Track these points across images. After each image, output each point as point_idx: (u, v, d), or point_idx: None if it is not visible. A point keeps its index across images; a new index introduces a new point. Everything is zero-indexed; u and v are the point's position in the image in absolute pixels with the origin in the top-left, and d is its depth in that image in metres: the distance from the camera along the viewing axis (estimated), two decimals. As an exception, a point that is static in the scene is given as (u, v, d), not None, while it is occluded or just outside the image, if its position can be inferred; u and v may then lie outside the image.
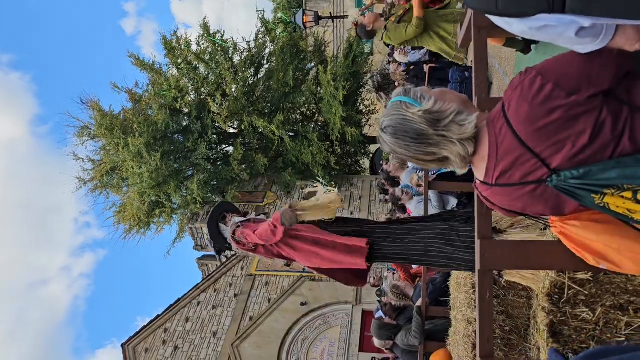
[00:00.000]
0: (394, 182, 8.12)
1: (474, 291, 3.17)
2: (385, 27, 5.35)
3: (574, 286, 2.06)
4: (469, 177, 1.69)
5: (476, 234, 1.85)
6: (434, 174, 5.97)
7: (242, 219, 4.08)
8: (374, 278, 10.83)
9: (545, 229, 2.29)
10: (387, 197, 8.54)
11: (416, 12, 5.00)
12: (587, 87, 1.23)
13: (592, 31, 1.04)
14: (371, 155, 19.54)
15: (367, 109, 18.63)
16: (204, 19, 16.42)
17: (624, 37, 1.07)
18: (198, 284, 15.55)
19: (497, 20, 1.12)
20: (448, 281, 4.85)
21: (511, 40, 5.85)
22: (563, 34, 1.06)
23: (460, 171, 1.52)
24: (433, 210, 6.08)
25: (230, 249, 4.19)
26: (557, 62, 1.30)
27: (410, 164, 7.79)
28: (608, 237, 1.43)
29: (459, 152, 1.44)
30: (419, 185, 6.43)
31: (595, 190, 1.29)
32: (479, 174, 1.50)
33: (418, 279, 6.46)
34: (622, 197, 1.27)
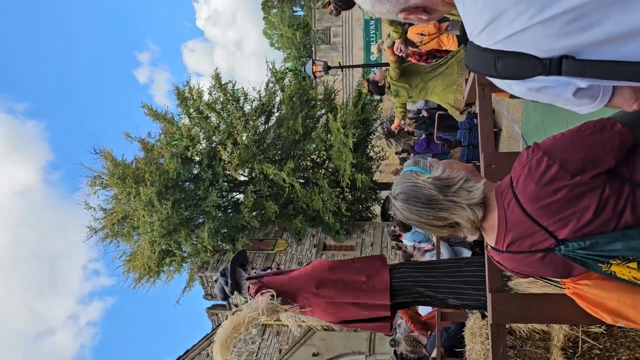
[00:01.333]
0: (406, 226, 8.07)
1: (489, 342, 3.08)
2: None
3: (588, 340, 2.00)
4: None
5: (487, 288, 1.82)
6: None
7: (261, 273, 3.97)
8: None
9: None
10: (399, 245, 8.48)
11: (389, 56, 5.54)
12: (591, 169, 1.30)
13: (590, 92, 1.06)
14: (382, 201, 19.51)
15: (377, 155, 18.74)
16: (216, 69, 16.85)
17: (621, 98, 1.09)
18: (208, 334, 15.34)
19: (497, 82, 1.14)
20: (462, 331, 4.74)
21: None
22: (561, 95, 1.08)
23: (472, 237, 1.58)
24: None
25: (240, 293, 4.07)
26: (564, 144, 1.37)
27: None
28: (620, 293, 1.45)
29: (468, 216, 1.50)
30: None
31: (602, 260, 1.33)
32: (490, 241, 1.56)
33: (430, 332, 6.32)
34: (628, 267, 1.32)
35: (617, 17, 0.90)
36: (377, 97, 6.73)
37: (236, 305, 3.91)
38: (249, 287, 3.79)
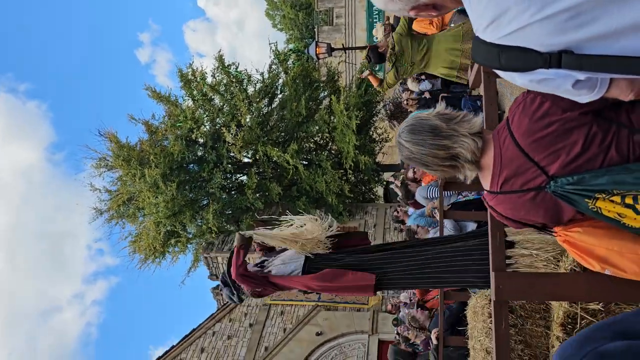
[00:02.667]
0: (409, 194, 8.07)
1: (491, 320, 3.19)
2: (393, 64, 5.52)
3: (586, 316, 2.10)
4: (484, 206, 1.81)
5: (491, 266, 1.91)
6: (448, 205, 6.00)
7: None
8: (391, 305, 10.74)
9: (554, 258, 2.34)
10: (402, 227, 8.54)
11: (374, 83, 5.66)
12: (580, 106, 1.40)
13: (588, 84, 1.13)
14: (385, 183, 19.58)
15: (380, 137, 18.76)
16: (219, 51, 16.81)
17: (618, 89, 1.16)
18: (213, 313, 15.53)
19: (501, 73, 1.22)
20: (464, 309, 4.84)
21: None
22: (561, 86, 1.15)
23: (471, 176, 1.67)
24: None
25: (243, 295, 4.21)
26: None
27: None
28: (609, 240, 1.53)
29: (469, 145, 1.62)
30: (432, 216, 6.45)
31: (588, 195, 1.43)
32: (486, 184, 1.66)
33: (434, 310, 6.43)
34: (612, 201, 1.41)
35: (611, 15, 0.97)
36: (374, 65, 6.49)
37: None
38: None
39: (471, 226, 6.33)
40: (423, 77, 11.22)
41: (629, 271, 1.55)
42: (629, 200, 1.38)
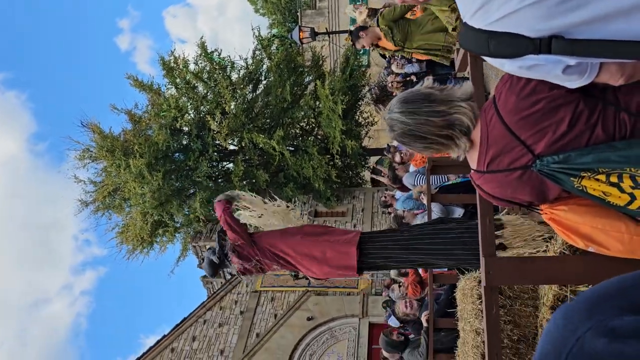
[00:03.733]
0: (396, 179, 8.09)
1: (481, 302, 3.21)
2: (381, 14, 5.41)
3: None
4: (472, 189, 1.79)
5: (481, 252, 1.91)
6: (435, 188, 6.01)
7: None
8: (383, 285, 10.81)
9: (544, 241, 2.35)
10: (390, 211, 8.57)
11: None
12: None
13: (578, 69, 1.12)
14: (372, 168, 19.61)
15: (366, 121, 18.75)
16: (202, 38, 16.60)
17: (608, 73, 1.15)
18: (203, 302, 15.55)
19: (490, 60, 1.20)
20: (454, 292, 4.88)
21: None
22: (551, 72, 1.14)
23: (465, 148, 1.61)
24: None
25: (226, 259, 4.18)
26: None
27: (411, 168, 7.83)
28: (593, 218, 1.54)
29: (466, 110, 1.57)
30: (420, 199, 6.47)
31: (574, 173, 1.42)
32: (473, 163, 1.64)
33: (423, 298, 6.48)
34: (597, 179, 1.40)
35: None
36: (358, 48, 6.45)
37: (231, 275, 4.21)
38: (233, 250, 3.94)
39: (458, 210, 6.37)
40: (413, 59, 11.18)
41: (612, 249, 1.56)
42: (613, 179, 1.38)
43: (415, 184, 6.99)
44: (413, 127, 1.58)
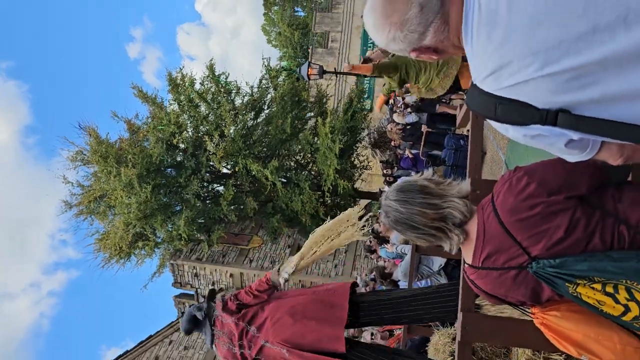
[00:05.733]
0: (383, 240, 8.18)
1: (453, 359, 3.18)
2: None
3: (548, 366, 2.11)
4: None
5: (459, 307, 1.91)
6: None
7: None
8: (353, 329, 10.69)
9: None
10: (372, 257, 8.59)
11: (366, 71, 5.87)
12: (566, 191, 1.43)
13: (580, 144, 1.14)
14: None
15: (362, 164, 18.87)
16: (211, 60, 16.81)
17: (608, 152, 1.17)
18: (172, 322, 15.26)
19: (495, 124, 1.21)
20: (426, 345, 4.83)
21: None
22: (554, 144, 1.16)
23: (457, 243, 1.64)
24: (421, 272, 6.18)
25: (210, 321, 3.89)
26: (544, 167, 1.50)
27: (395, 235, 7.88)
28: (586, 326, 1.52)
29: (459, 206, 1.61)
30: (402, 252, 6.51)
31: (569, 279, 1.42)
32: (468, 257, 1.65)
33: (398, 342, 6.41)
34: (593, 288, 1.40)
35: (611, 80, 0.98)
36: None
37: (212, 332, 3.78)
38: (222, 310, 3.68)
39: (438, 261, 6.40)
40: (409, 110, 11.35)
41: (605, 358, 1.54)
42: (609, 289, 1.38)
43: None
44: (406, 216, 1.64)
